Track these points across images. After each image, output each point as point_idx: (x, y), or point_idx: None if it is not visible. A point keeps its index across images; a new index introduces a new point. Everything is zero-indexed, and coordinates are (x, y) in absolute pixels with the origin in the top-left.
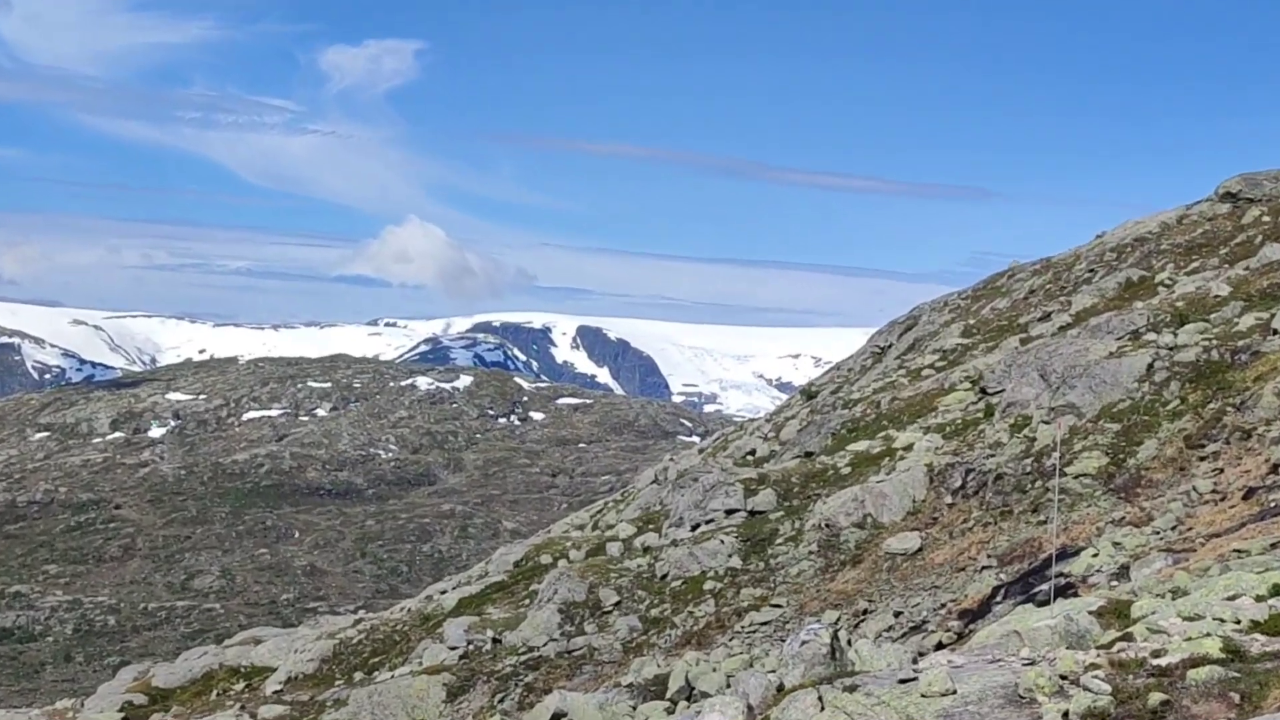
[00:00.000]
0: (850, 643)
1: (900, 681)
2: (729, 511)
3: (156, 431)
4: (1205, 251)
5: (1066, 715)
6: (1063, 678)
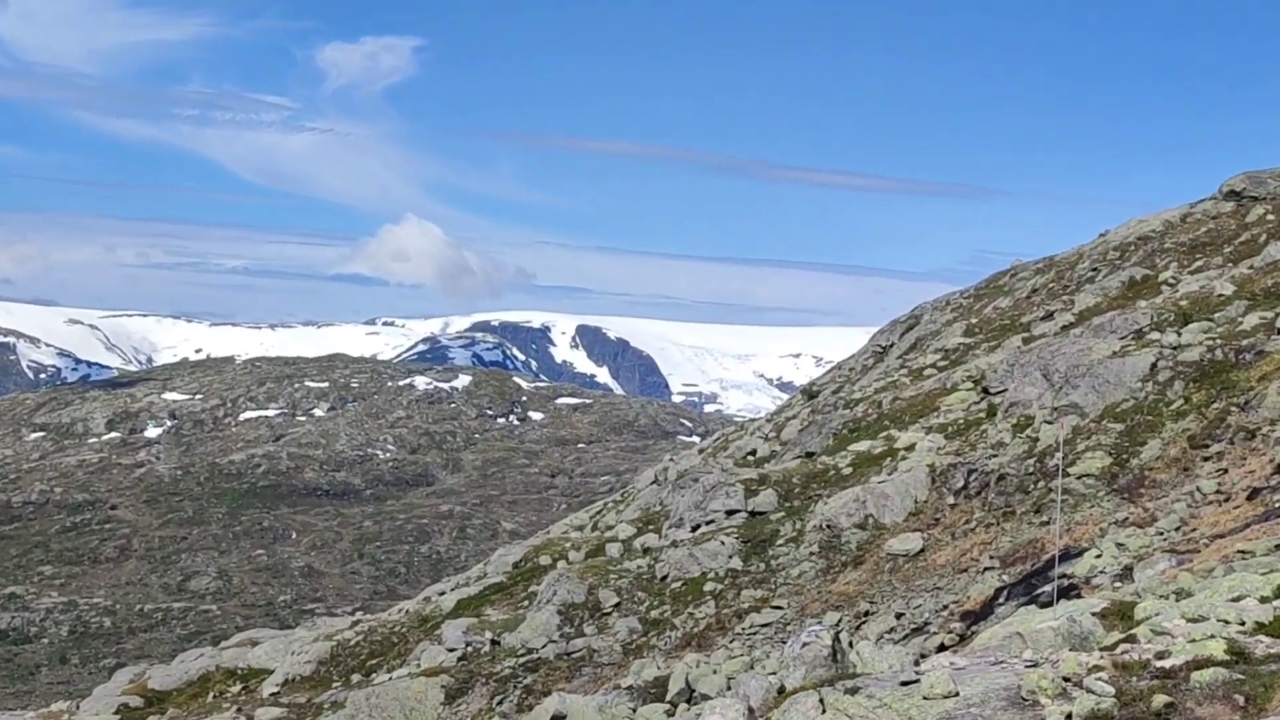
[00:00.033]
0: (852, 645)
1: (902, 684)
2: (729, 512)
3: (153, 432)
4: (1209, 250)
5: (1070, 717)
6: (1066, 680)
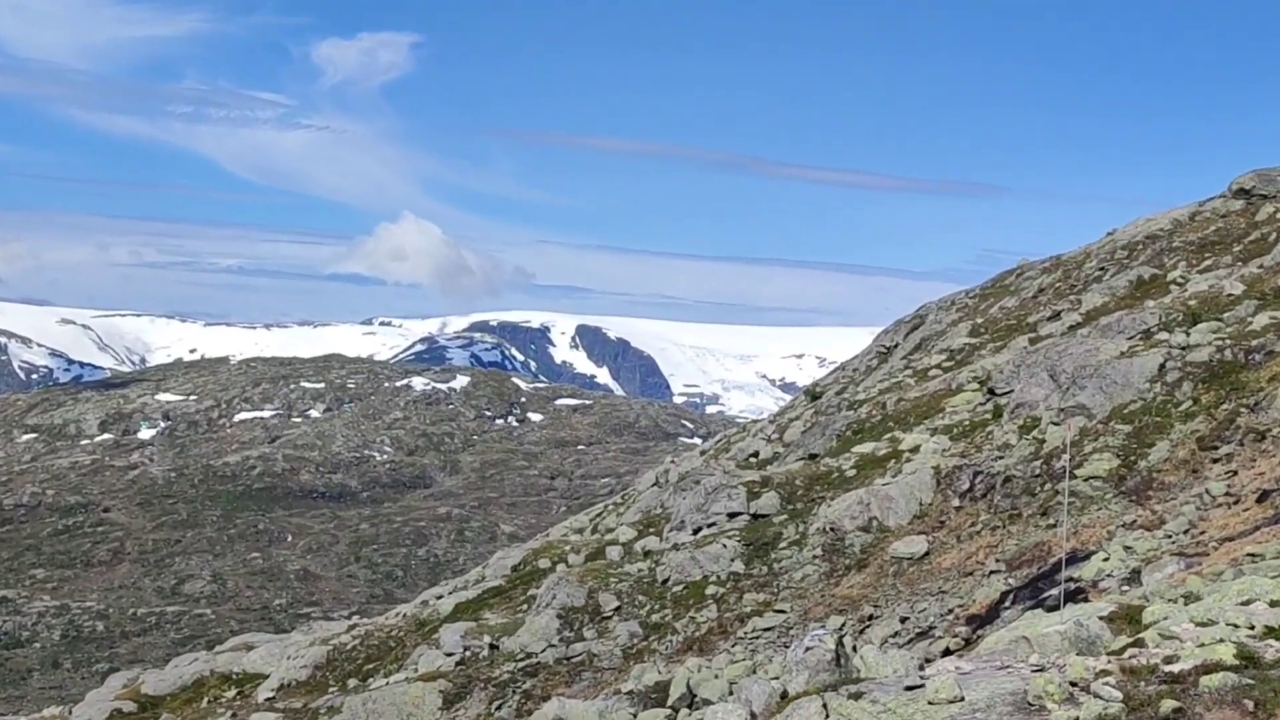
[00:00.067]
0: (855, 649)
1: (907, 689)
2: (731, 515)
3: (146, 433)
4: (1218, 249)
5: None
6: (1073, 685)
